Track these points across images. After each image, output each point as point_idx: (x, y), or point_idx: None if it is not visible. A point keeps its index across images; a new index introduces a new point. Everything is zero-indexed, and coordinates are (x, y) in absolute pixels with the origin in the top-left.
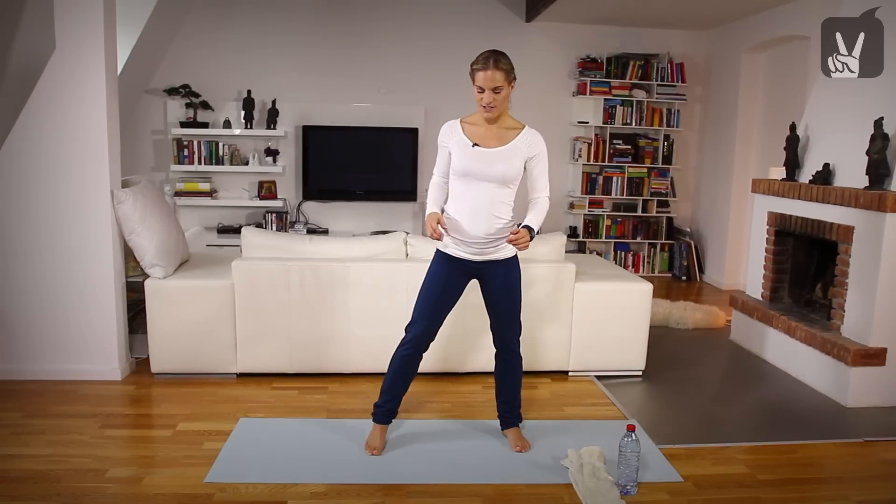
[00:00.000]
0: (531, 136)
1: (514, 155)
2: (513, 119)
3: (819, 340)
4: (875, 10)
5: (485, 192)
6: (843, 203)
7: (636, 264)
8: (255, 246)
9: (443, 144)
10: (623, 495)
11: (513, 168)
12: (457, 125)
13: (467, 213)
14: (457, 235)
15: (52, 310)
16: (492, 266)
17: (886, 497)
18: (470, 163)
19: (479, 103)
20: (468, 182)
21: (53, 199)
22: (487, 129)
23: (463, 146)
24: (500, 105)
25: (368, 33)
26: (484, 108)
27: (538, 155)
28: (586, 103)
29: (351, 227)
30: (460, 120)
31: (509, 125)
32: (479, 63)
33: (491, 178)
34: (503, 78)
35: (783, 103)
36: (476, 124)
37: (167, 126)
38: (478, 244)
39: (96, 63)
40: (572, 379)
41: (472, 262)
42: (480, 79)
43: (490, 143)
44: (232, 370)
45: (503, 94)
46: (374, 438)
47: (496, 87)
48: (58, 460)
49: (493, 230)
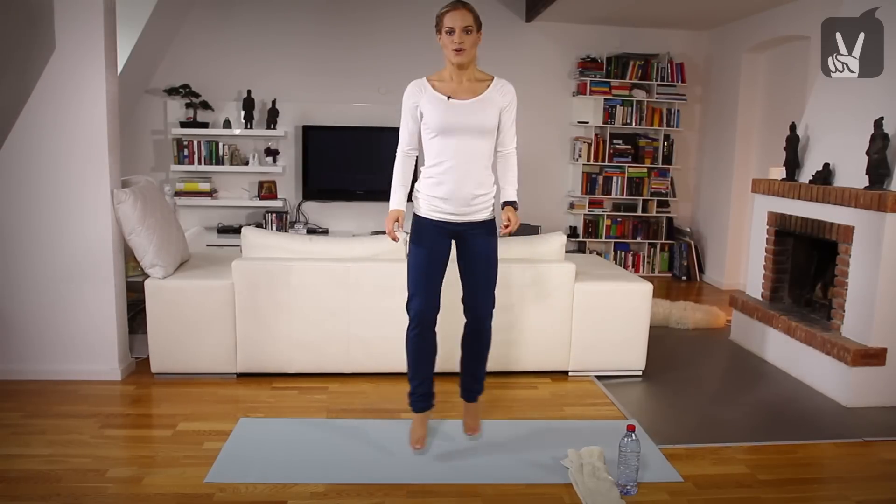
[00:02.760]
0: (503, 86)
1: (489, 104)
2: (481, 71)
3: (819, 340)
4: (875, 10)
5: (466, 146)
6: (843, 203)
7: (636, 264)
8: (255, 246)
9: (412, 104)
10: (623, 495)
11: (490, 117)
12: (424, 82)
13: (451, 170)
14: (439, 196)
15: (52, 310)
16: (472, 228)
17: (886, 497)
18: (447, 116)
19: (449, 47)
20: (447, 138)
21: (53, 199)
22: (458, 82)
23: (437, 101)
24: (470, 49)
25: (368, 33)
26: (455, 52)
27: (510, 104)
28: (586, 103)
29: (351, 227)
30: (426, 77)
31: (479, 77)
32: (447, 6)
33: (470, 129)
34: (473, 20)
35: (783, 103)
36: (444, 80)
37: (167, 126)
38: (461, 203)
39: (96, 63)
40: (572, 379)
41: (453, 223)
42: (450, 19)
43: (463, 96)
44: (232, 370)
45: (473, 37)
46: (416, 430)
47: (467, 26)
48: (58, 460)
49: (479, 190)
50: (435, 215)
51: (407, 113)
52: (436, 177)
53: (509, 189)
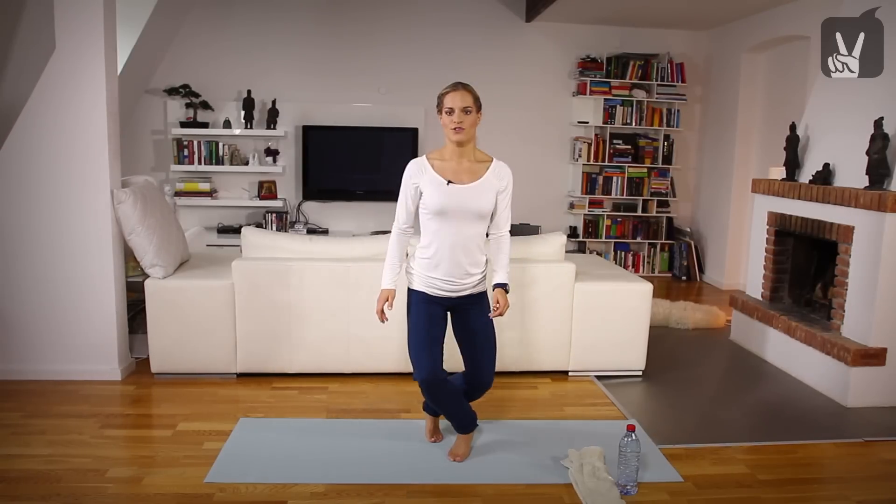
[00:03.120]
0: (500, 169)
1: (487, 189)
2: (481, 152)
3: (819, 340)
4: (875, 10)
5: (462, 228)
6: (843, 203)
7: (636, 264)
8: (255, 246)
9: (411, 184)
10: (623, 495)
11: (487, 202)
12: (425, 163)
13: (446, 251)
14: (433, 275)
15: (52, 310)
16: (467, 300)
17: (886, 497)
18: (446, 200)
19: (449, 126)
20: (444, 220)
21: (53, 199)
22: (458, 163)
23: (437, 184)
24: (469, 129)
25: (368, 33)
26: (454, 131)
27: (507, 188)
28: (586, 103)
29: (351, 227)
30: (426, 157)
31: (479, 158)
32: (448, 87)
33: (467, 214)
34: (473, 101)
35: (783, 103)
36: (445, 160)
37: (167, 126)
38: (455, 282)
39: (96, 63)
40: (572, 379)
41: (448, 298)
42: (450, 100)
43: (463, 179)
44: (232, 370)
45: (472, 117)
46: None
47: (466, 106)
48: (58, 460)
49: (473, 270)
50: (429, 291)
51: (406, 192)
52: (431, 257)
53: (501, 273)
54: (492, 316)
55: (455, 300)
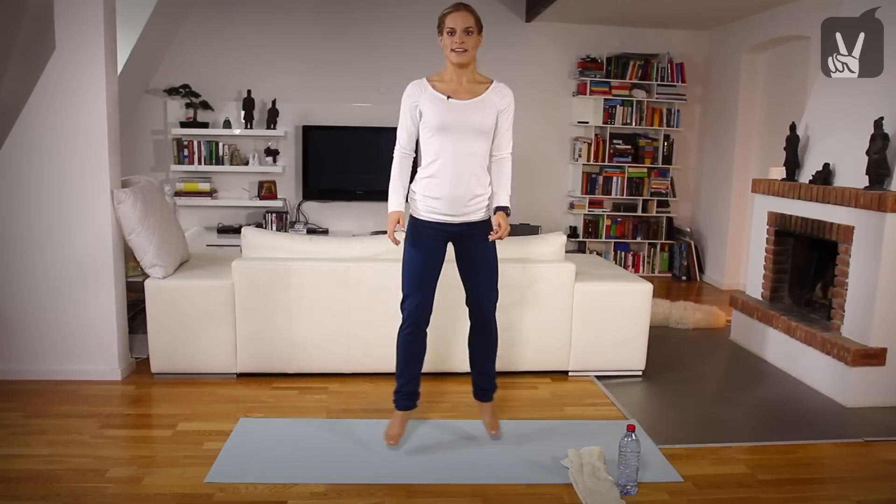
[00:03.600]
0: (501, 89)
1: (487, 105)
2: (480, 74)
3: (819, 340)
4: (875, 10)
5: (463, 145)
6: (843, 203)
7: (636, 264)
8: (255, 246)
9: (411, 104)
10: (623, 495)
11: (488, 118)
12: (424, 82)
13: (448, 168)
14: (435, 196)
15: (52, 310)
16: (469, 228)
17: (886, 497)
18: (446, 115)
19: (450, 47)
20: (445, 137)
21: (53, 199)
22: (458, 83)
23: (436, 100)
24: (470, 49)
25: (368, 33)
26: (455, 52)
27: (508, 107)
28: (586, 103)
29: (351, 227)
30: (426, 78)
31: (478, 79)
32: (450, 8)
33: (468, 129)
34: (474, 22)
35: (783, 103)
36: (444, 80)
37: (167, 126)
38: (457, 202)
39: (96, 63)
40: (572, 379)
41: (449, 224)
42: (452, 20)
43: (463, 96)
44: (232, 370)
45: (474, 38)
46: (394, 426)
47: (468, 27)
48: (58, 460)
49: (476, 190)
50: (432, 217)
51: (406, 112)
52: (432, 175)
53: (502, 194)
54: (492, 238)
55: (456, 227)
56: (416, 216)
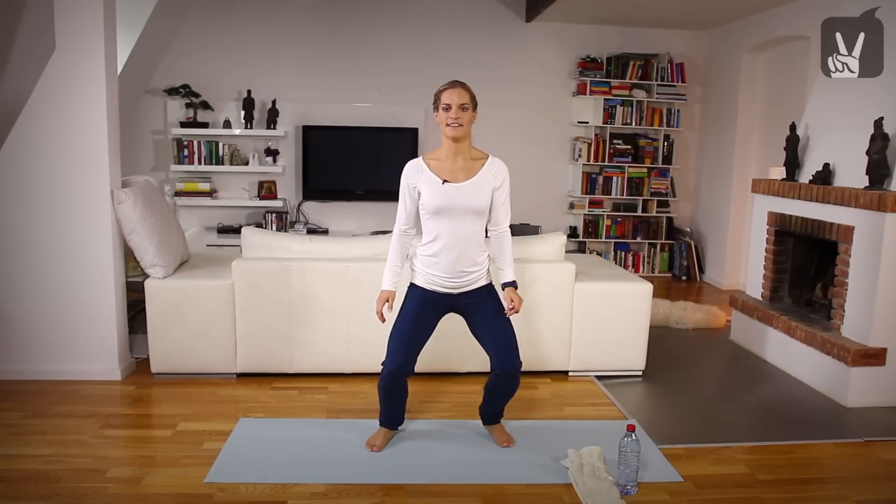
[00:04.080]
0: (496, 166)
1: (482, 186)
2: (476, 149)
3: (819, 340)
4: (875, 10)
5: (460, 226)
6: (843, 203)
7: (636, 264)
8: (255, 246)
9: (409, 185)
10: (623, 495)
11: (483, 199)
12: (421, 163)
13: (446, 249)
14: (435, 272)
15: (52, 310)
16: (471, 295)
17: (886, 497)
18: (443, 199)
19: (445, 123)
20: (442, 218)
21: (53, 199)
22: (453, 162)
23: (433, 184)
24: (465, 125)
25: (368, 33)
26: (450, 127)
27: (503, 184)
28: (586, 103)
29: (351, 227)
30: (422, 158)
31: (474, 156)
32: (445, 85)
33: (464, 211)
34: (469, 98)
35: (783, 103)
36: (440, 159)
37: (167, 126)
38: (458, 278)
39: (96, 63)
40: (572, 379)
41: (448, 294)
42: (447, 96)
43: (459, 178)
44: (232, 370)
45: (469, 115)
46: (377, 437)
47: (463, 103)
48: (58, 460)
49: (472, 269)
50: (432, 287)
51: (405, 193)
52: (432, 255)
53: (508, 271)
54: (508, 314)
55: (456, 298)
56: (417, 284)
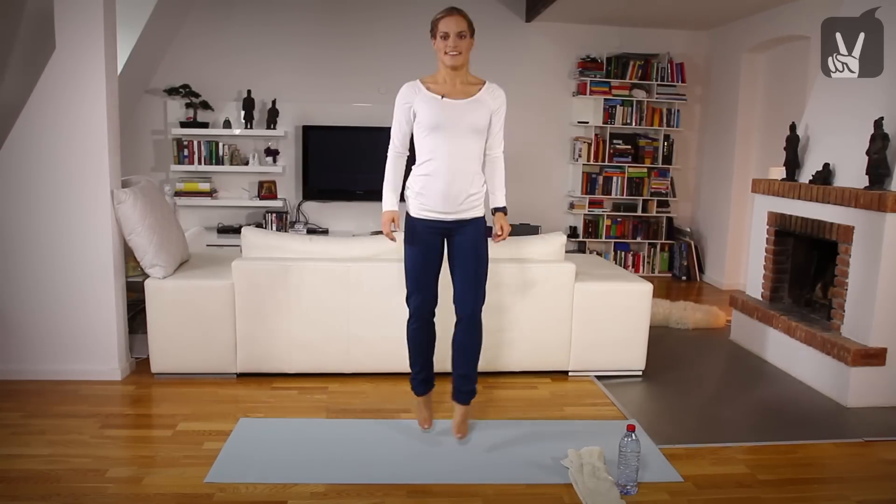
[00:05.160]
0: (494, 89)
1: (481, 105)
2: (473, 76)
3: (819, 340)
4: (875, 10)
5: (457, 144)
6: (843, 203)
7: (636, 264)
8: (255, 246)
9: (404, 104)
10: (623, 495)
11: (482, 117)
12: (418, 84)
13: (442, 168)
14: (430, 194)
15: (52, 310)
16: (462, 225)
17: (886, 497)
18: (441, 115)
19: (444, 50)
20: (439, 136)
21: (53, 199)
22: (451, 84)
23: (430, 100)
24: (464, 52)
25: (368, 33)
26: (448, 55)
27: (500, 107)
28: (586, 103)
29: (351, 227)
30: (419, 80)
31: (471, 80)
32: (442, 12)
33: (463, 128)
34: (467, 25)
35: (783, 103)
36: (438, 82)
37: (167, 126)
38: (452, 201)
39: (96, 63)
40: (572, 379)
41: (443, 221)
42: (445, 24)
43: (457, 96)
44: (232, 370)
45: (467, 42)
46: (421, 411)
47: (461, 31)
48: (58, 460)
49: (470, 189)
50: (426, 215)
51: (400, 113)
52: (427, 174)
53: (499, 195)
54: (495, 242)
55: (450, 224)
56: (411, 214)
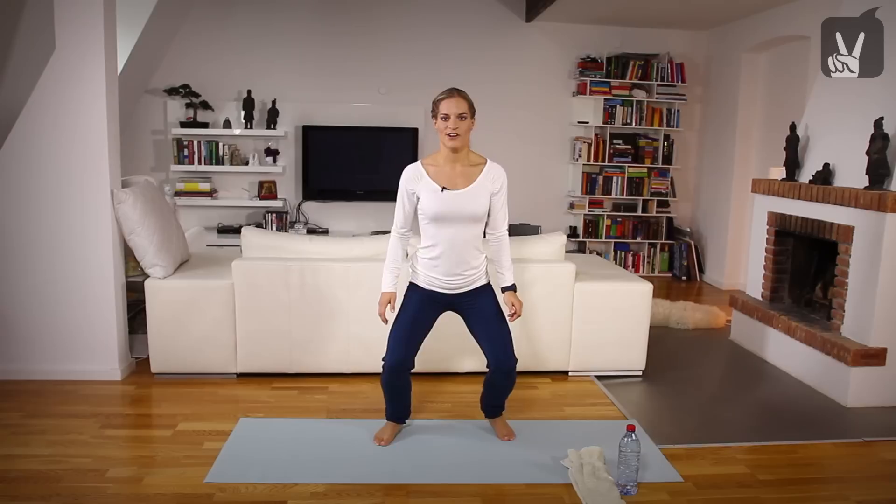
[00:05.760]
0: (494, 171)
1: (481, 192)
2: (475, 154)
3: (819, 340)
4: (875, 10)
5: (459, 231)
6: (843, 203)
7: (636, 264)
8: (255, 246)
9: (408, 190)
10: (623, 495)
11: (482, 206)
12: (420, 169)
13: (445, 254)
14: (435, 275)
15: (52, 310)
16: (469, 295)
17: (886, 497)
18: (442, 207)
19: (444, 132)
20: (441, 225)
21: (53, 199)
22: (452, 168)
23: (432, 191)
24: (464, 134)
25: (368, 33)
26: (449, 137)
27: (501, 189)
28: (586, 103)
29: (351, 227)
30: (421, 163)
31: (473, 161)
32: (443, 94)
33: (463, 218)
34: (467, 107)
35: (783, 103)
36: (439, 165)
37: (167, 126)
38: (458, 279)
39: (96, 63)
40: (572, 379)
41: (449, 294)
42: (445, 106)
43: (457, 184)
44: (232, 370)
45: (467, 123)
46: (385, 431)
47: (461, 113)
48: (58, 460)
49: (470, 271)
50: (432, 288)
51: (403, 197)
52: (431, 258)
53: (507, 275)
54: (511, 320)
55: (455, 297)
56: (417, 283)
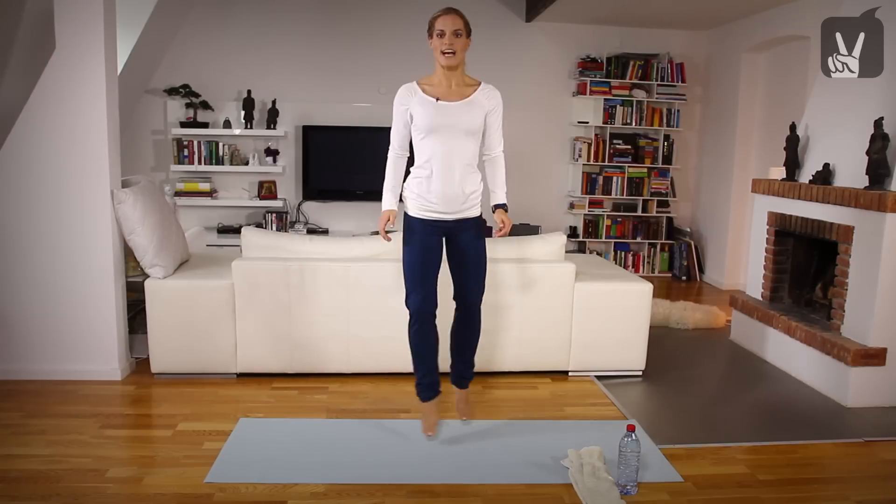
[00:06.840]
0: (489, 90)
1: (475, 106)
2: (469, 76)
3: (819, 340)
4: (875, 10)
5: (453, 146)
6: (843, 203)
7: (636, 264)
8: (255, 246)
9: (401, 106)
10: (623, 495)
11: (476, 119)
12: (414, 86)
13: (440, 169)
14: (429, 195)
15: (52, 310)
16: (461, 224)
17: (886, 497)
18: (436, 117)
19: (439, 49)
20: (435, 138)
21: (53, 199)
22: (447, 86)
23: (426, 103)
24: (459, 52)
25: (368, 33)
26: (444, 55)
27: (496, 107)
28: (586, 103)
29: (351, 227)
30: (416, 82)
31: (467, 81)
32: (439, 11)
33: (457, 130)
34: (463, 25)
35: (783, 103)
36: (434, 84)
37: (167, 126)
38: (450, 201)
39: (96, 63)
40: (572, 379)
41: (444, 221)
42: (441, 23)
43: (452, 98)
44: (232, 370)
45: (462, 41)
46: (427, 417)
47: (457, 29)
48: (58, 460)
49: (467, 189)
50: (425, 214)
51: (398, 116)
52: (425, 176)
53: (499, 192)
54: (497, 236)
55: (450, 224)
56: (410, 214)
